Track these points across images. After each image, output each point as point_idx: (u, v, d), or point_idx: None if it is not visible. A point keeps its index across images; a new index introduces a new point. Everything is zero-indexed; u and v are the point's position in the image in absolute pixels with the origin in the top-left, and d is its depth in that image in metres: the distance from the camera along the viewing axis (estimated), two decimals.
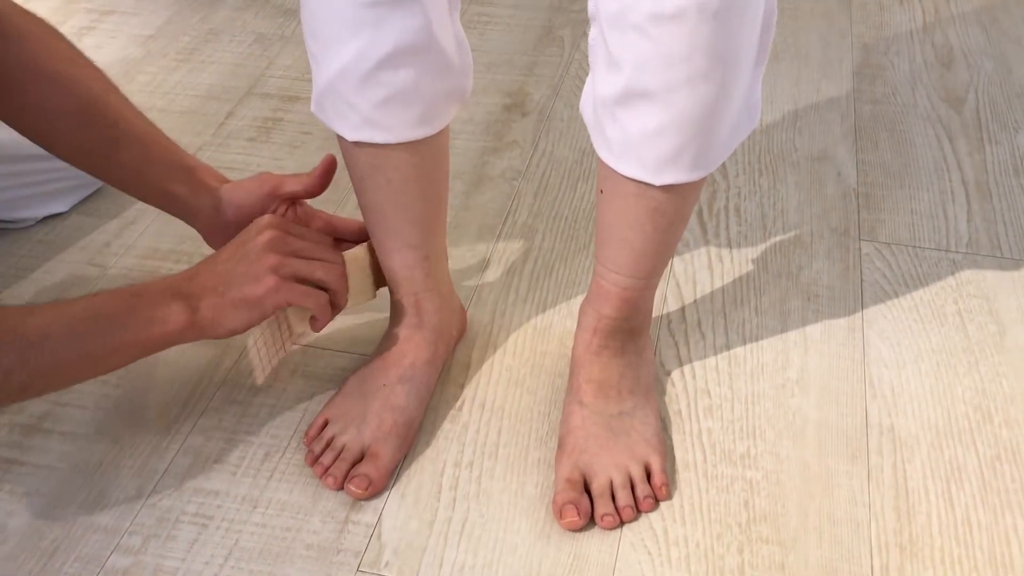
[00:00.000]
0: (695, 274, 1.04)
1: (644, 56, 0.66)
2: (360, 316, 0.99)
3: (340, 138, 0.78)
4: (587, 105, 0.76)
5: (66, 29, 1.54)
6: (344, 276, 0.84)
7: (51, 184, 1.11)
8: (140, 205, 1.15)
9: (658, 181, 0.72)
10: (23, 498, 0.82)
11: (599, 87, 0.72)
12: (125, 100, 0.92)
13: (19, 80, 0.85)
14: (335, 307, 0.84)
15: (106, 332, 0.73)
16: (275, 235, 0.80)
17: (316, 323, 0.83)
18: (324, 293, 0.82)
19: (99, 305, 0.73)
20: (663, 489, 0.81)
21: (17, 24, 0.86)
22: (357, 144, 0.76)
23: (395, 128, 0.74)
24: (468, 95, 0.79)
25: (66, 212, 1.14)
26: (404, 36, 0.69)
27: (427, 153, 0.77)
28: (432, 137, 0.77)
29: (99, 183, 1.16)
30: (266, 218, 0.81)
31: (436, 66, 0.72)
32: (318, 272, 0.81)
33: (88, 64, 0.91)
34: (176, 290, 0.76)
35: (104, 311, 0.73)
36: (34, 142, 0.89)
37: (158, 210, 0.95)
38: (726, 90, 0.67)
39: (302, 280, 0.80)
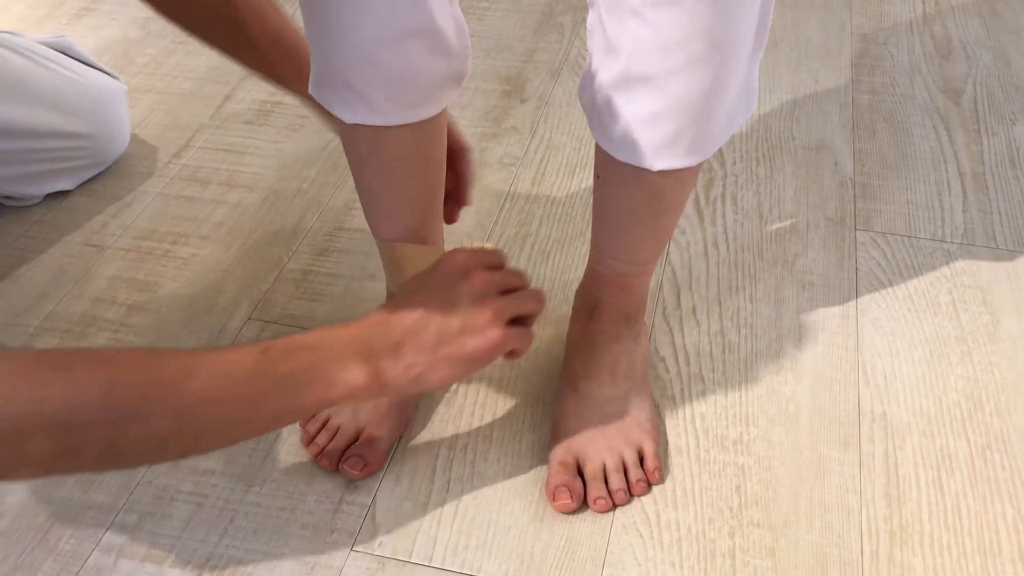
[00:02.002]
0: (691, 261, 1.04)
1: (642, 41, 0.66)
2: (356, 299, 0.99)
3: (338, 120, 0.78)
4: (585, 90, 0.76)
5: (65, 9, 1.54)
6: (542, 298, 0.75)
7: (58, 163, 1.11)
8: (139, 187, 1.16)
9: (655, 166, 0.72)
10: None
11: (597, 72, 0.72)
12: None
13: None
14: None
15: (276, 397, 0.63)
16: (484, 278, 0.70)
17: (515, 355, 0.73)
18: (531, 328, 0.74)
19: (267, 366, 0.63)
20: (656, 473, 0.81)
21: None
22: (355, 126, 0.76)
23: (393, 111, 0.74)
24: (466, 78, 0.79)
25: (67, 192, 1.14)
26: (403, 19, 0.69)
27: (425, 136, 0.78)
28: (430, 120, 0.77)
29: (106, 163, 1.17)
30: (462, 256, 0.72)
31: (435, 49, 0.72)
32: (529, 304, 0.72)
33: None
34: (359, 348, 0.66)
35: (273, 373, 0.63)
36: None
37: (156, 192, 0.95)
38: (724, 75, 0.68)
39: (514, 318, 0.71)
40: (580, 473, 0.81)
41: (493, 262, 0.73)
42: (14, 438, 0.53)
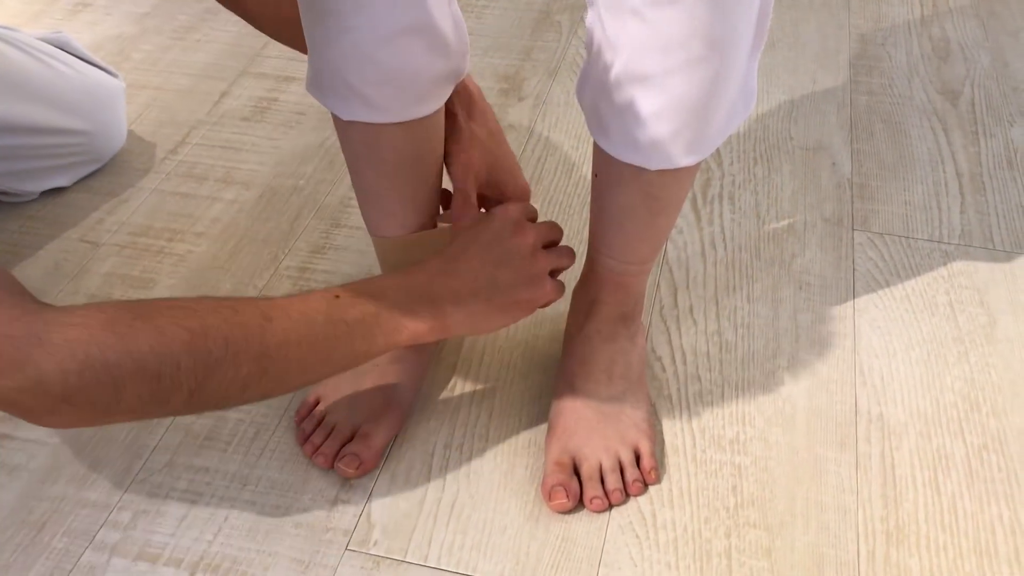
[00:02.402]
0: (688, 260, 1.04)
1: (641, 40, 0.66)
2: None
3: (335, 117, 0.78)
4: (583, 89, 0.76)
5: (61, 5, 1.53)
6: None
7: (56, 159, 1.10)
8: (135, 183, 1.15)
9: (653, 165, 0.72)
10: (12, 472, 0.82)
11: (595, 71, 0.71)
12: None
13: None
14: None
15: (348, 340, 0.68)
16: (533, 233, 0.76)
17: (548, 304, 0.80)
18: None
19: (340, 311, 0.68)
20: (652, 473, 0.81)
21: None
22: (352, 123, 0.76)
23: (390, 108, 0.74)
24: (464, 75, 0.79)
25: (63, 188, 1.13)
26: (401, 16, 0.68)
27: (422, 133, 0.77)
28: (427, 117, 0.76)
29: (103, 160, 1.16)
30: (515, 210, 0.77)
31: (433, 46, 0.72)
32: (564, 260, 0.80)
33: None
34: (422, 294, 0.72)
35: (346, 318, 0.68)
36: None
37: (152, 188, 0.95)
38: (722, 75, 0.67)
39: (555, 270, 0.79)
40: (576, 473, 0.80)
41: (535, 216, 0.80)
42: (110, 384, 0.57)
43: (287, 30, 0.85)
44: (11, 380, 0.55)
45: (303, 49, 0.82)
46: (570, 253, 0.81)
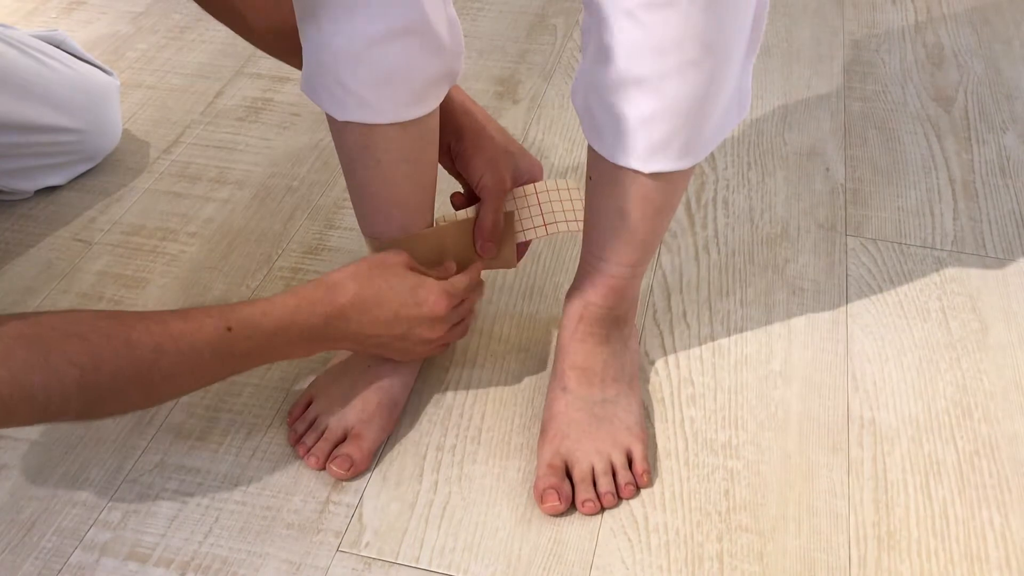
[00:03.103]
0: (681, 265, 1.04)
1: (636, 43, 0.66)
2: None
3: (330, 118, 0.77)
4: (578, 92, 0.76)
5: (54, 3, 1.53)
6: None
7: (50, 157, 1.10)
8: (128, 182, 1.15)
9: (647, 169, 0.72)
10: (2, 471, 0.82)
11: (590, 74, 0.71)
12: None
13: None
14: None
15: (232, 367, 0.72)
16: (449, 324, 0.82)
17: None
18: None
19: (229, 345, 0.70)
20: (644, 476, 0.81)
21: None
22: (347, 124, 0.76)
23: (385, 108, 0.73)
24: (459, 77, 0.79)
25: (57, 187, 1.13)
26: (396, 16, 0.68)
27: (417, 134, 0.77)
28: (422, 118, 0.76)
29: (98, 159, 1.16)
30: (440, 289, 0.80)
31: (428, 47, 0.72)
32: (467, 320, 0.87)
33: None
34: (315, 335, 0.75)
35: (234, 351, 0.71)
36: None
37: (146, 188, 0.94)
38: (717, 79, 0.68)
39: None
40: (568, 475, 0.80)
41: (459, 287, 0.83)
42: (1, 410, 0.60)
43: (283, 42, 0.86)
44: None
45: (297, 64, 0.82)
46: (479, 288, 0.86)
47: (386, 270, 0.78)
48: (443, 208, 0.90)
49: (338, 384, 0.85)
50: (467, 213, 0.86)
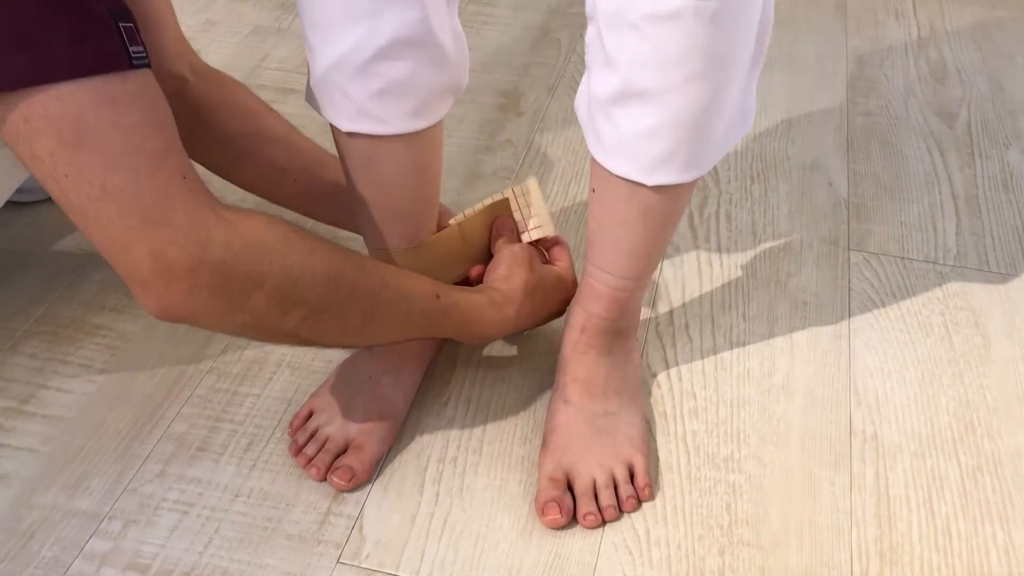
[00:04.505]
0: (684, 278, 1.04)
1: (640, 56, 0.66)
2: None
3: (334, 129, 0.78)
4: (582, 104, 0.76)
5: None
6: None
7: None
8: None
9: (650, 181, 0.72)
10: (3, 480, 0.82)
11: (594, 86, 0.72)
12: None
13: (252, 148, 0.95)
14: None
15: (426, 328, 0.78)
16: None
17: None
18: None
19: (433, 309, 0.78)
20: (646, 490, 0.81)
21: (240, 100, 0.96)
22: (351, 135, 0.76)
23: (390, 120, 0.74)
24: (463, 89, 0.79)
25: (48, 199, 1.12)
26: (402, 28, 0.69)
27: (420, 146, 0.77)
28: (426, 130, 0.76)
29: None
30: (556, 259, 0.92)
31: (433, 59, 0.72)
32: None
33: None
34: (503, 321, 0.85)
35: (436, 318, 0.78)
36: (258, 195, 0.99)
37: None
38: (720, 92, 0.68)
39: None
40: (570, 488, 0.80)
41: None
42: (256, 275, 0.62)
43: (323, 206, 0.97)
44: (181, 237, 0.58)
45: (346, 224, 0.96)
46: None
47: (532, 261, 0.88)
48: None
49: (340, 395, 0.85)
50: (483, 204, 0.89)
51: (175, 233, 0.58)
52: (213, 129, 0.93)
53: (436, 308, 0.78)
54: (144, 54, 0.59)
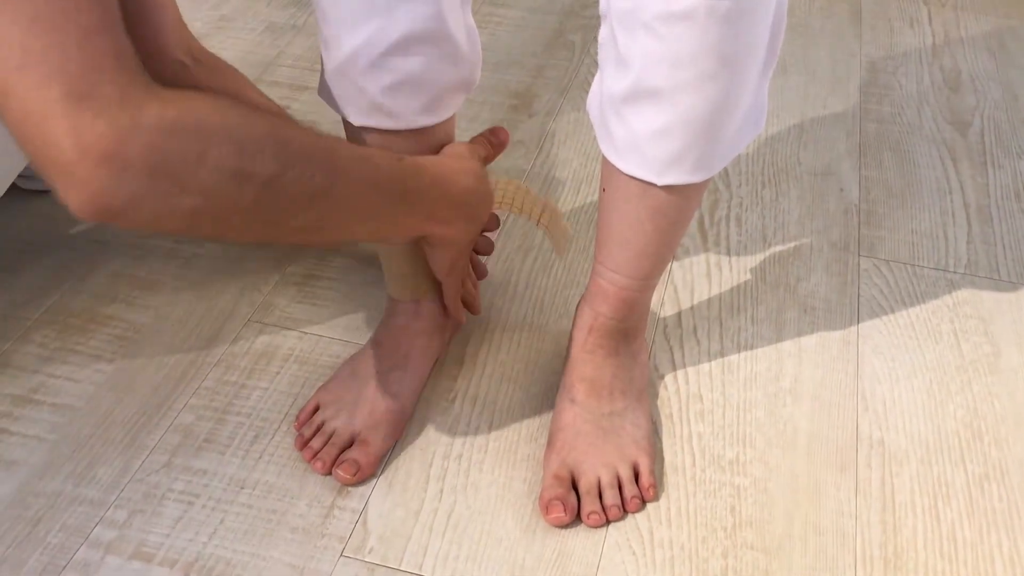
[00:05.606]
0: (693, 281, 1.04)
1: (652, 55, 0.66)
2: (357, 305, 0.99)
3: (346, 124, 0.78)
4: (594, 103, 0.76)
5: None
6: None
7: None
8: None
9: (661, 181, 0.72)
10: (10, 467, 0.82)
11: (607, 85, 0.72)
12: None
13: None
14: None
15: (394, 197, 0.70)
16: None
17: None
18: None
19: (400, 173, 0.70)
20: (650, 490, 0.81)
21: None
22: (363, 129, 0.76)
23: (402, 115, 0.74)
24: (476, 85, 0.79)
25: None
26: (416, 23, 0.69)
27: (432, 142, 0.78)
28: (437, 126, 0.77)
29: None
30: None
31: (446, 55, 0.72)
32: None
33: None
34: (457, 201, 0.76)
35: (402, 184, 0.70)
36: None
37: None
38: (733, 92, 0.68)
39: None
40: (574, 487, 0.80)
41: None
42: (196, 140, 0.54)
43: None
44: (109, 109, 0.51)
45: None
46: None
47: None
48: None
49: (346, 389, 0.85)
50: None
51: (101, 105, 0.51)
52: None
53: (402, 169, 0.70)
54: None
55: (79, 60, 0.51)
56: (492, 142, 0.85)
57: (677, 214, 0.77)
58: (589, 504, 0.79)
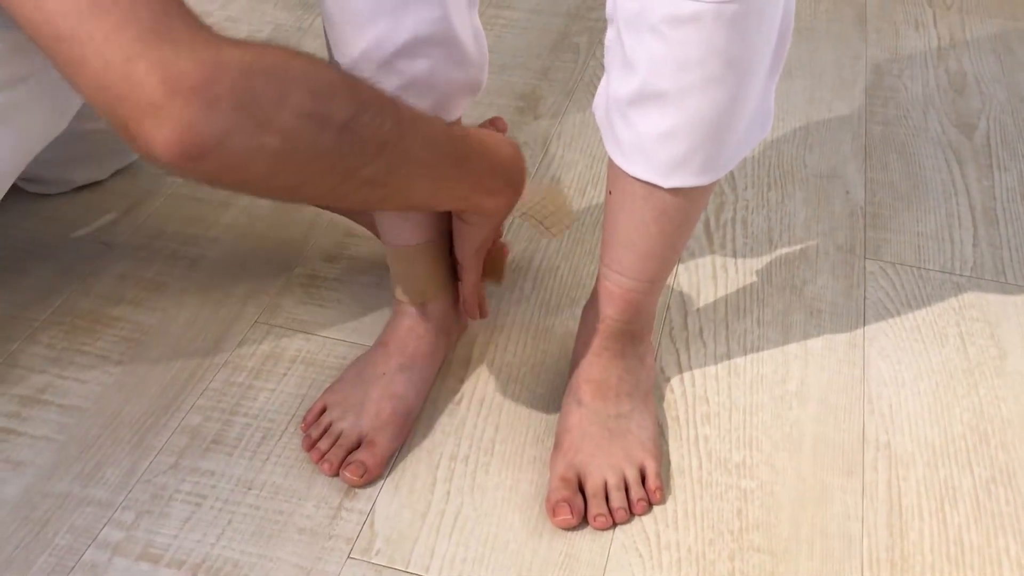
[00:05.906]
0: (699, 283, 1.04)
1: (659, 58, 0.66)
2: (363, 306, 0.99)
3: None
4: (600, 105, 0.76)
5: None
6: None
7: (102, 145, 1.09)
8: (151, 187, 1.16)
9: (667, 183, 0.72)
10: (17, 467, 0.82)
11: (613, 87, 0.72)
12: None
13: None
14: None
15: (451, 158, 0.70)
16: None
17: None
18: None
19: (454, 137, 0.71)
20: (657, 493, 0.81)
21: None
22: None
23: None
24: (482, 88, 0.79)
25: (79, 189, 1.13)
26: (423, 25, 0.69)
27: None
28: None
29: (134, 156, 1.16)
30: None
31: (452, 57, 0.72)
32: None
33: None
34: (498, 169, 0.77)
35: (457, 147, 0.71)
36: None
37: (168, 193, 0.95)
38: (739, 95, 0.68)
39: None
40: (581, 489, 0.80)
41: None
42: (276, 83, 0.55)
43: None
44: (189, 49, 0.51)
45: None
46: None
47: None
48: None
49: (353, 391, 0.85)
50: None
51: (181, 44, 0.51)
52: None
53: (453, 132, 0.71)
54: None
55: (148, 5, 0.51)
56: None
57: (683, 216, 0.77)
58: (596, 506, 0.79)
